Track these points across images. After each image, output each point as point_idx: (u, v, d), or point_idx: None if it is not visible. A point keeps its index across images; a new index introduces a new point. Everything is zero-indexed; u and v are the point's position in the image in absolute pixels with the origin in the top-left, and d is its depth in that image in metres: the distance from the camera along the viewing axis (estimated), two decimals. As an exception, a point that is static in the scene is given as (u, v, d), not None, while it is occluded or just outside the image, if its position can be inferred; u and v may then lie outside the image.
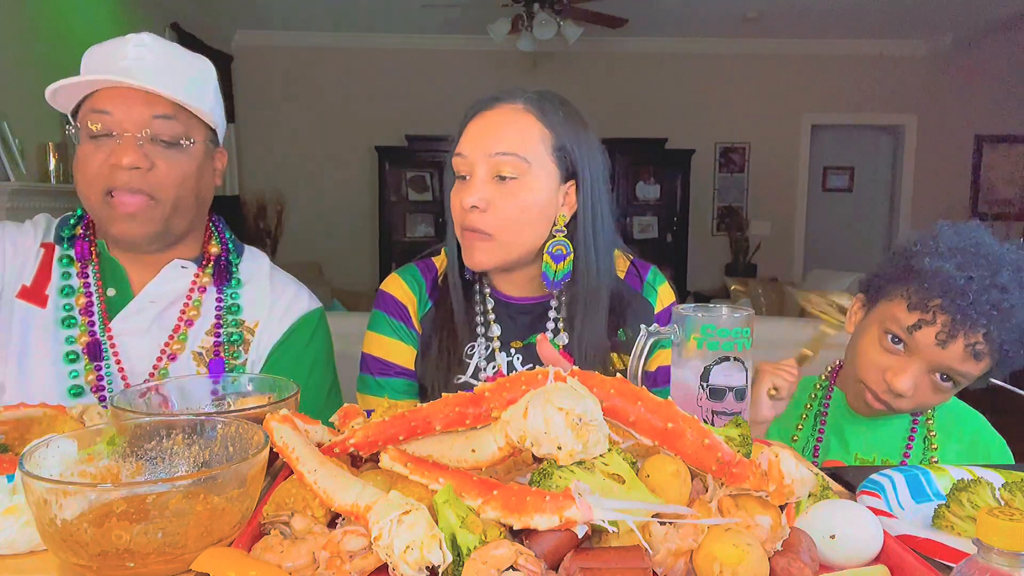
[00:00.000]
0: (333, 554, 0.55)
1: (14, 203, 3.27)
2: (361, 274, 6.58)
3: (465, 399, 0.63)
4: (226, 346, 1.14)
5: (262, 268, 1.23)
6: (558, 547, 0.54)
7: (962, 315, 0.96)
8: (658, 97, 6.67)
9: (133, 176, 1.03)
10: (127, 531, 0.57)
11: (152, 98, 1.04)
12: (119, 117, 1.03)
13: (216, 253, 1.18)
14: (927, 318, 0.99)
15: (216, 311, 1.15)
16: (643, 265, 1.22)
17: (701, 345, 0.82)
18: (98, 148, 1.04)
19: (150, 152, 1.04)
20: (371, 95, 6.50)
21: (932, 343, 0.99)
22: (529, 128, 1.04)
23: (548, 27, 4.78)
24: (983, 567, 0.45)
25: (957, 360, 0.99)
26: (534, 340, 1.13)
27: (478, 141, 1.04)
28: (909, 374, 1.02)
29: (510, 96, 1.07)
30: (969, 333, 0.97)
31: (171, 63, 1.08)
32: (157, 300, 1.12)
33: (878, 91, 6.65)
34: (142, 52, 1.05)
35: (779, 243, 6.91)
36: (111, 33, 1.14)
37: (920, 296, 1.00)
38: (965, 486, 0.73)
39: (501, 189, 1.03)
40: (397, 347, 1.16)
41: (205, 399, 0.89)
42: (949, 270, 0.98)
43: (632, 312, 1.15)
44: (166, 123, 1.05)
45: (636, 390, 0.62)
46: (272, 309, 1.19)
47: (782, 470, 0.59)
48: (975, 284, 0.96)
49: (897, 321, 1.03)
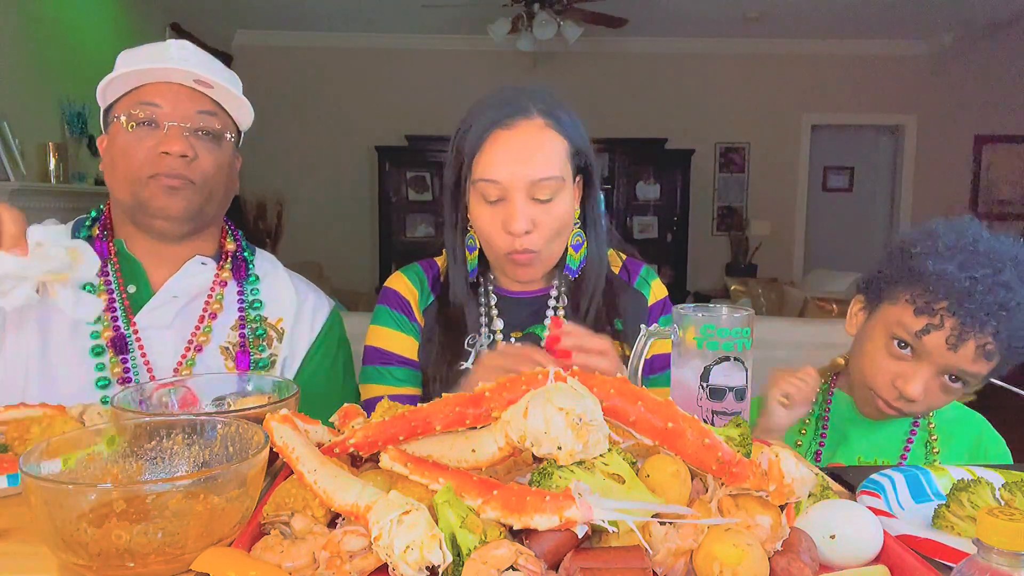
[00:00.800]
0: (333, 554, 0.56)
1: (14, 203, 3.24)
2: (361, 274, 6.58)
3: (465, 399, 0.63)
4: (251, 340, 1.17)
5: (276, 266, 1.28)
6: (558, 547, 0.54)
7: (971, 317, 0.95)
8: (658, 97, 6.67)
9: (180, 163, 1.09)
10: (127, 531, 0.57)
11: (197, 95, 1.12)
12: (167, 109, 1.09)
13: (233, 250, 1.24)
14: (935, 322, 0.98)
15: (239, 305, 1.19)
16: (635, 264, 1.26)
17: (701, 345, 0.82)
18: (143, 138, 1.09)
19: (194, 143, 1.10)
20: (371, 95, 6.50)
21: (942, 347, 0.98)
22: (556, 146, 1.06)
23: (548, 27, 4.78)
24: (983, 567, 0.45)
25: (968, 361, 0.98)
26: (532, 330, 1.17)
27: (513, 167, 1.03)
28: (919, 379, 1.01)
29: (524, 111, 1.06)
30: (979, 334, 0.96)
31: (210, 65, 1.16)
32: (180, 295, 1.15)
33: (878, 91, 6.65)
34: (185, 54, 1.13)
35: (779, 243, 6.91)
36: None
37: (925, 300, 0.99)
38: (965, 486, 0.73)
39: (541, 209, 1.06)
40: (399, 338, 1.18)
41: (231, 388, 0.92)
42: (952, 272, 0.96)
43: (625, 303, 1.19)
44: (209, 118, 1.13)
45: (636, 390, 0.62)
46: (300, 311, 1.24)
47: (782, 469, 0.59)
48: (980, 284, 0.95)
49: (904, 326, 1.01)
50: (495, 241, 1.08)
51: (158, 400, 0.86)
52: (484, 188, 1.06)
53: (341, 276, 6.35)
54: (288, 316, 1.22)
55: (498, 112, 1.06)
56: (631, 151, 6.47)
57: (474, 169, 1.07)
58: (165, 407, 0.86)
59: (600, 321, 1.15)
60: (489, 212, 1.07)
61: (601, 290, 1.16)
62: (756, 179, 6.87)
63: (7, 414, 0.85)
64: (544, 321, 1.17)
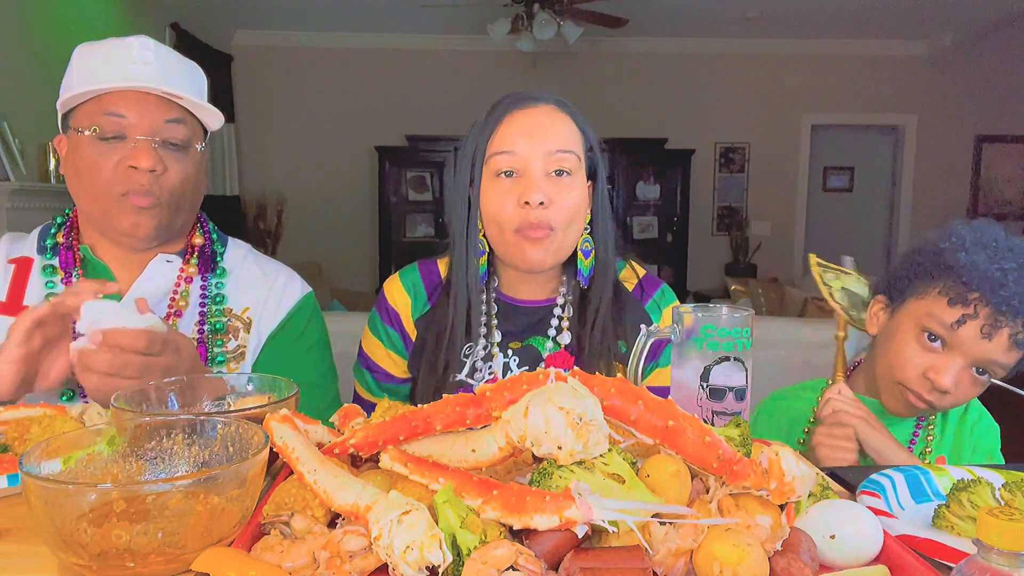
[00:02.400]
0: (333, 554, 0.55)
1: (14, 203, 3.27)
2: (361, 274, 6.58)
3: (466, 400, 0.63)
4: (209, 335, 1.16)
5: (247, 256, 1.26)
6: (558, 547, 0.54)
7: (1005, 305, 0.97)
8: (658, 97, 6.67)
9: (148, 179, 1.06)
10: (127, 531, 0.57)
11: (164, 102, 1.07)
12: (134, 120, 1.06)
13: (199, 244, 1.21)
14: (969, 312, 1.00)
15: (201, 300, 1.18)
16: (653, 282, 1.21)
17: (701, 345, 0.82)
18: (109, 150, 1.06)
19: (162, 156, 1.07)
20: (371, 95, 6.50)
21: (976, 337, 1.00)
22: (571, 128, 1.08)
23: (548, 27, 4.78)
24: (983, 567, 0.45)
25: (1000, 352, 1.00)
26: (531, 342, 1.14)
27: (531, 138, 1.04)
28: (951, 370, 1.02)
29: (541, 97, 1.08)
30: (1012, 323, 0.98)
31: (175, 67, 1.11)
32: (146, 296, 1.12)
33: (878, 91, 6.65)
34: (147, 55, 1.08)
35: (779, 243, 6.91)
36: (111, 33, 1.14)
37: (958, 291, 1.01)
38: (965, 486, 0.73)
39: (558, 184, 1.05)
40: (386, 354, 1.18)
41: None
42: (983, 263, 0.99)
43: (632, 323, 1.14)
44: (176, 127, 1.09)
45: (637, 390, 0.62)
46: (268, 296, 1.22)
47: (783, 467, 0.59)
48: (1010, 275, 0.97)
49: (936, 318, 1.03)
50: (507, 216, 1.04)
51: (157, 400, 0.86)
52: (499, 161, 1.05)
53: (341, 276, 6.35)
54: (256, 304, 1.21)
55: (511, 99, 1.08)
56: (631, 151, 6.47)
57: (489, 146, 1.06)
58: (164, 406, 0.86)
59: (606, 338, 1.11)
60: (502, 187, 1.05)
61: (609, 300, 1.12)
62: (756, 179, 6.87)
63: (7, 414, 0.85)
64: (548, 331, 1.14)
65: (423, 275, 1.20)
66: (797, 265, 6.90)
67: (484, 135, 1.07)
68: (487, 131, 1.07)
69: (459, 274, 1.11)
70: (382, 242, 6.47)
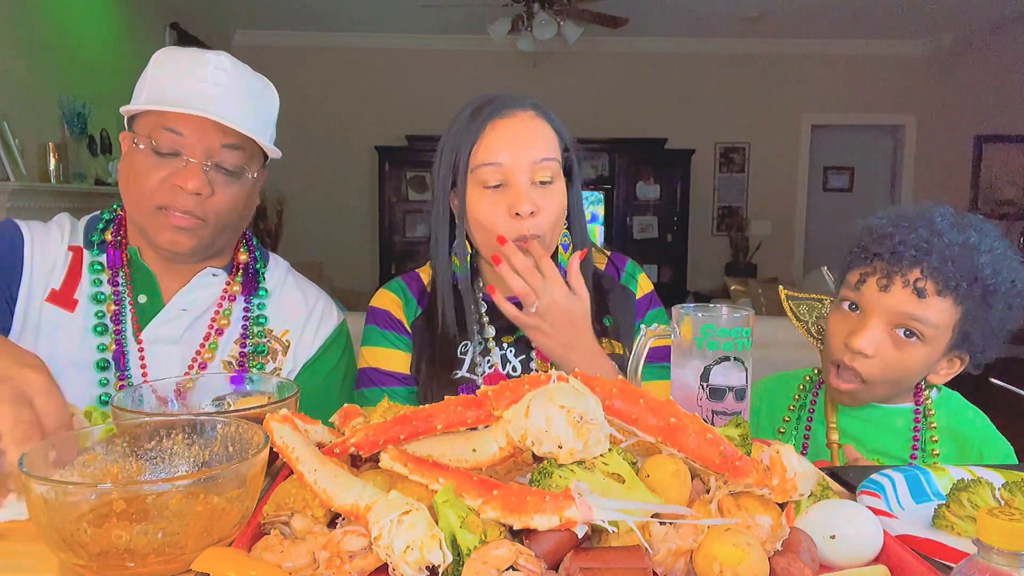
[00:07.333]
0: (333, 554, 0.55)
1: (14, 203, 3.27)
2: (361, 274, 6.58)
3: (468, 401, 0.63)
4: (251, 356, 1.15)
5: (287, 276, 1.25)
6: (558, 547, 0.54)
7: (892, 254, 1.01)
8: (658, 97, 6.68)
9: (192, 201, 1.04)
10: (127, 531, 0.57)
11: (225, 127, 1.05)
12: (191, 140, 1.04)
13: (245, 261, 1.21)
14: (868, 270, 1.04)
15: (243, 321, 1.17)
16: (620, 259, 1.27)
17: (701, 345, 0.82)
18: (161, 164, 1.04)
19: (212, 179, 1.06)
20: (371, 95, 6.50)
21: (877, 292, 1.02)
22: (549, 133, 1.10)
23: (548, 27, 4.79)
24: (983, 567, 0.45)
25: (910, 304, 1.00)
26: (525, 333, 1.15)
27: (516, 150, 1.05)
28: (867, 331, 1.02)
29: (517, 103, 1.09)
30: (905, 271, 1.00)
31: (245, 91, 1.10)
32: (189, 308, 1.13)
33: (878, 91, 6.65)
34: (220, 77, 1.06)
35: (779, 243, 6.91)
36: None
37: (861, 255, 1.06)
38: (965, 486, 0.73)
39: (544, 192, 1.07)
40: (393, 354, 1.17)
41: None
42: (882, 224, 1.04)
43: (614, 299, 1.20)
44: (232, 153, 1.07)
45: (637, 390, 0.62)
46: (307, 322, 1.21)
47: (785, 464, 0.59)
48: (903, 227, 1.01)
49: (847, 285, 1.07)
50: (499, 228, 1.06)
51: (157, 399, 0.86)
52: (485, 173, 1.06)
53: (341, 276, 6.35)
54: (295, 328, 1.20)
55: (492, 107, 1.09)
56: (631, 151, 6.47)
57: (473, 157, 1.07)
58: (164, 406, 0.86)
59: (591, 319, 1.13)
60: (490, 199, 1.06)
61: (590, 286, 1.15)
62: (756, 179, 6.87)
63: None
64: None
65: (408, 283, 1.21)
66: (797, 265, 6.91)
67: (467, 142, 1.07)
68: (470, 139, 1.07)
69: (444, 276, 1.14)
70: (382, 242, 6.48)
